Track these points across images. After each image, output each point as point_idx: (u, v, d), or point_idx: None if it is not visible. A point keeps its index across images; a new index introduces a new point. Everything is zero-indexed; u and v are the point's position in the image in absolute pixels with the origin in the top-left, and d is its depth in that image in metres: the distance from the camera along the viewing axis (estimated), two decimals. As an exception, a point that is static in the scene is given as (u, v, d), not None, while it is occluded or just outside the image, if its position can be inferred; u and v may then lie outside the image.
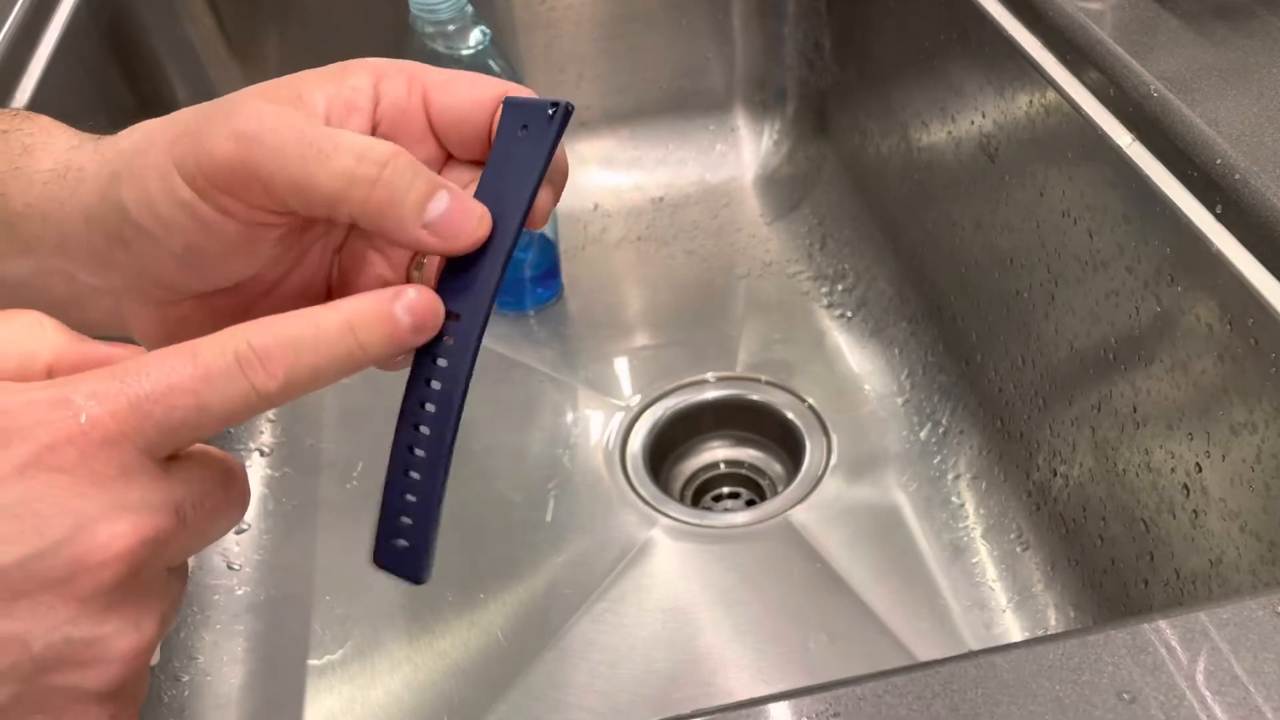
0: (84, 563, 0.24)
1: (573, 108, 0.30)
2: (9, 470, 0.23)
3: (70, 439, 0.23)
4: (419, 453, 0.29)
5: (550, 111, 0.29)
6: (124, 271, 0.31)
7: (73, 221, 0.30)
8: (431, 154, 0.32)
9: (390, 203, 0.28)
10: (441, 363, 0.29)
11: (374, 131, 0.31)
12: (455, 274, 0.29)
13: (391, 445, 0.29)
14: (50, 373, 0.25)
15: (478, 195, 0.30)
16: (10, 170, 0.31)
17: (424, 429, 0.29)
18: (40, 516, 0.23)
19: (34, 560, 0.23)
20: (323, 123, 0.30)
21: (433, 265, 0.31)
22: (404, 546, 0.28)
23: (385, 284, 0.32)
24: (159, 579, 0.26)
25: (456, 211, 0.29)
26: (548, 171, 0.30)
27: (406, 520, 0.28)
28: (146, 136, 0.30)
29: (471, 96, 0.31)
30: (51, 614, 0.24)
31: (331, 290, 0.34)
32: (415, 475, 0.28)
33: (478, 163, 0.32)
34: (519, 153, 0.30)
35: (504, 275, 0.29)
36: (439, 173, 0.33)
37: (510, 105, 0.30)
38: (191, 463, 0.26)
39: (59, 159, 0.31)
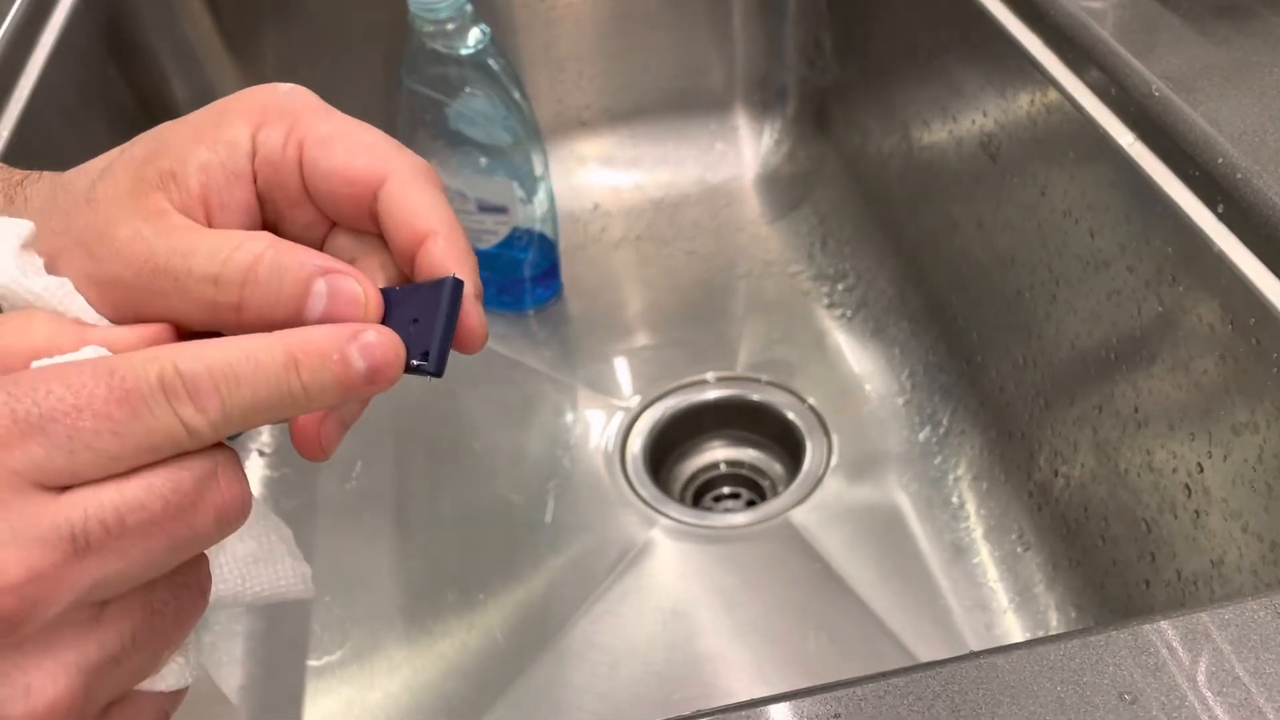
0: None
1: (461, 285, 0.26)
2: None
3: None
4: None
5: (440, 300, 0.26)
6: None
7: None
8: (312, 218, 0.29)
9: (267, 307, 0.26)
10: None
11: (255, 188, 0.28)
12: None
13: None
14: None
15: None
16: None
17: None
18: None
19: None
20: (199, 209, 0.27)
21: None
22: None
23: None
24: (67, 625, 0.22)
25: (337, 297, 0.26)
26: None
27: None
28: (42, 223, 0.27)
29: (346, 165, 0.28)
30: None
31: None
32: None
33: (362, 231, 0.29)
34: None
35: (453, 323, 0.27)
36: (323, 240, 0.30)
37: (390, 296, 0.27)
38: (108, 479, 0.22)
39: None
